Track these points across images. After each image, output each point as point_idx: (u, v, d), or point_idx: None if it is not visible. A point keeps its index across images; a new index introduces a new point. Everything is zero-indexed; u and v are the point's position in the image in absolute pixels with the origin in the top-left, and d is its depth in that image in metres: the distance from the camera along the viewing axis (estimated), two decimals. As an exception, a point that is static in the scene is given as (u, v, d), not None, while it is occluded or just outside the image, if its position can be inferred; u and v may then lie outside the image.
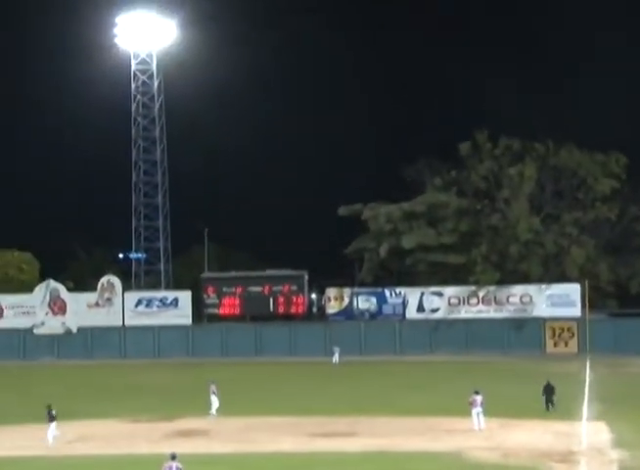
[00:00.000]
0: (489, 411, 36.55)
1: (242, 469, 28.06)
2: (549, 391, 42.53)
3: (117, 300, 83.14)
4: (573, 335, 78.59)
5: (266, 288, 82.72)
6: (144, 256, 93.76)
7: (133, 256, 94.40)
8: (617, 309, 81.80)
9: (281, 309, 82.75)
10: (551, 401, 42.19)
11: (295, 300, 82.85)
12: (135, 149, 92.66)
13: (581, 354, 72.62)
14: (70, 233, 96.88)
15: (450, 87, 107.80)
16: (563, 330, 78.95)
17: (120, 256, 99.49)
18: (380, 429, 36.18)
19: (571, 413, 39.64)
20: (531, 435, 34.35)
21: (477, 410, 35.81)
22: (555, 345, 78.82)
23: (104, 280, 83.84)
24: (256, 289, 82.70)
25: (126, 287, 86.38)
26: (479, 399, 36.15)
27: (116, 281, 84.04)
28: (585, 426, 36.48)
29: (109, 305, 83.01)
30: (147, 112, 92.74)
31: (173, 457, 21.28)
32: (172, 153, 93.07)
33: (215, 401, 40.86)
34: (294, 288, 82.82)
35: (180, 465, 20.99)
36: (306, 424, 37.71)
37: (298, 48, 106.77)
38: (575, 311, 78.50)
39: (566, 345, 78.43)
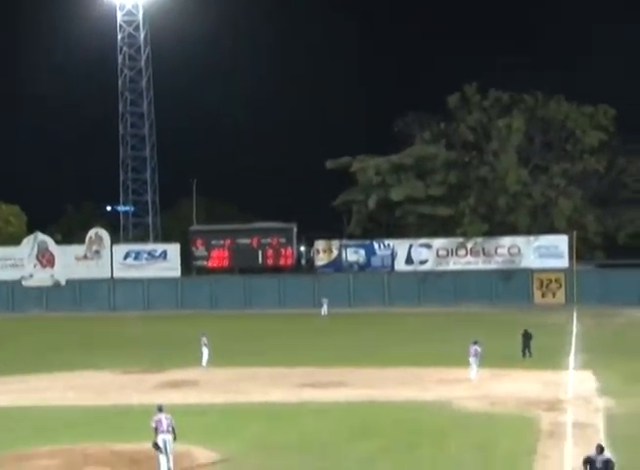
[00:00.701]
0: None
1: (231, 419, 28.22)
2: (527, 338, 43.03)
3: (106, 252, 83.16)
4: (561, 286, 79.06)
5: (255, 240, 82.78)
6: (132, 208, 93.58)
7: (121, 208, 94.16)
8: (605, 260, 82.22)
9: (270, 262, 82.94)
10: (528, 349, 42.68)
11: (283, 252, 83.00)
12: (122, 101, 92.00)
13: (569, 305, 73.09)
14: (58, 186, 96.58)
15: (439, 40, 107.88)
16: (550, 281, 79.42)
17: (108, 208, 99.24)
18: (369, 379, 36.37)
19: (558, 363, 39.94)
20: (519, 384, 34.64)
21: (472, 360, 36.23)
22: (543, 295, 79.30)
23: (92, 233, 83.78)
24: (245, 241, 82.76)
25: (115, 240, 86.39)
26: (473, 349, 36.51)
27: (105, 234, 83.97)
28: (572, 375, 36.75)
29: (97, 258, 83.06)
30: (133, 64, 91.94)
31: (160, 409, 21.26)
32: (160, 105, 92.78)
33: (206, 353, 41.04)
34: (282, 240, 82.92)
35: (169, 415, 21.00)
36: (295, 375, 37.86)
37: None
38: (563, 263, 78.90)
39: (553, 295, 78.94)
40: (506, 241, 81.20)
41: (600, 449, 17.72)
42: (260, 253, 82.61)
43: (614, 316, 65.30)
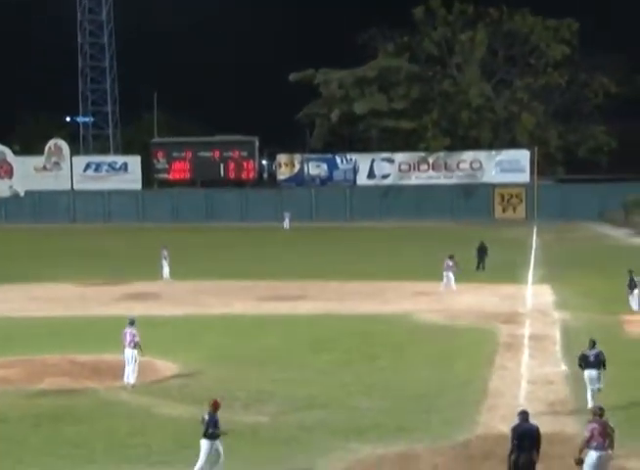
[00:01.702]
0: (438, 276, 37.22)
1: (193, 331, 28.29)
2: (482, 251, 43.45)
3: (65, 164, 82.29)
4: (522, 201, 79.66)
5: (216, 153, 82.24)
6: (91, 119, 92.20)
7: (80, 119, 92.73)
8: (565, 176, 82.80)
9: (231, 175, 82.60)
10: (482, 262, 43.15)
11: (245, 165, 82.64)
12: (80, 8, 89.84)
13: (529, 220, 73.80)
14: (15, 96, 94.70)
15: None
16: (511, 196, 79.95)
17: (67, 119, 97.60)
18: (330, 293, 36.54)
19: (517, 277, 40.38)
20: (479, 298, 35.00)
21: (447, 274, 36.65)
22: (504, 210, 79.91)
23: (51, 144, 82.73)
24: (206, 154, 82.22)
25: (74, 151, 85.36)
26: (447, 263, 36.87)
27: (64, 145, 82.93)
28: (530, 289, 37.20)
29: (57, 169, 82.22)
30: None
31: (131, 323, 21.31)
32: (120, 13, 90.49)
33: (166, 266, 40.98)
34: (244, 154, 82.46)
35: (134, 331, 21.04)
36: (257, 288, 37.92)
37: None
38: (524, 177, 79.33)
39: (514, 210, 79.59)
40: (468, 155, 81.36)
41: (592, 344, 18.90)
42: (222, 166, 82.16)
43: (572, 231, 66.06)
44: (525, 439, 13.33)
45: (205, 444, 14.71)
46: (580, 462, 13.54)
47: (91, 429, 17.64)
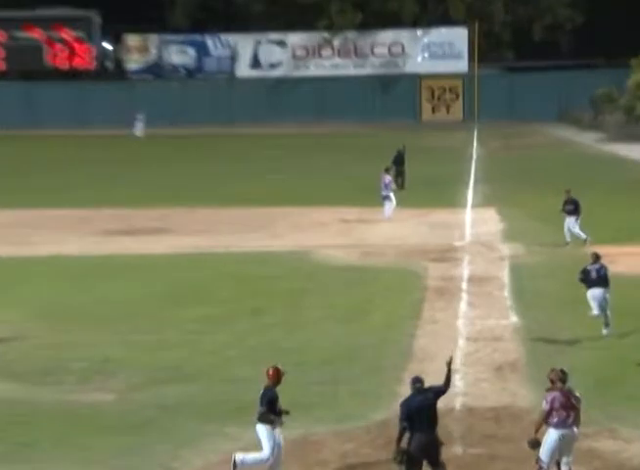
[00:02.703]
0: (348, 199, 37.26)
1: (9, 278, 27.92)
2: (399, 161, 43.92)
3: None
4: (458, 97, 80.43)
5: (38, 33, 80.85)
6: None
7: None
8: (515, 62, 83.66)
9: (61, 63, 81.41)
10: (401, 177, 43.52)
11: (80, 50, 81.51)
12: None
13: (467, 123, 74.51)
14: None
15: None
16: (444, 90, 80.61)
17: None
18: (198, 224, 36.62)
19: (452, 199, 40.82)
20: (400, 227, 35.34)
21: (386, 193, 37.09)
22: (434, 110, 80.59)
23: None
24: (25, 35, 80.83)
25: None
26: (385, 179, 37.33)
27: None
28: (470, 214, 37.76)
29: None
30: None
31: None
32: None
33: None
34: (79, 34, 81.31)
35: None
36: (98, 219, 37.80)
37: None
38: (461, 65, 79.97)
39: (447, 110, 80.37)
40: (386, 36, 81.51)
41: (595, 258, 21.54)
42: (47, 50, 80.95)
43: (523, 136, 67.08)
44: (423, 415, 13.35)
45: (262, 430, 14.26)
46: (536, 445, 13.67)
47: None
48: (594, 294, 20.90)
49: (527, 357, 19.94)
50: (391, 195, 37.18)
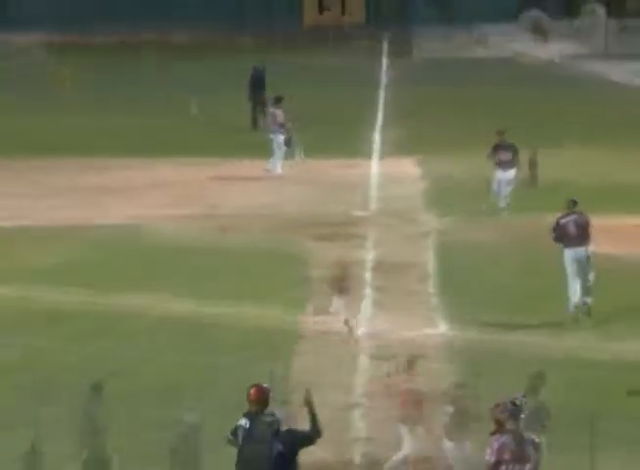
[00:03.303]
0: (199, 147, 37.91)
1: None
2: (256, 86, 44.85)
3: None
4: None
5: None
6: None
7: None
8: None
9: None
10: (262, 110, 43.53)
11: None
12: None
13: (374, 29, 74.99)
14: None
15: None
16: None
17: None
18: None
19: (351, 145, 41.03)
20: (273, 189, 35.62)
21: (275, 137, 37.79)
22: (322, 10, 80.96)
23: None
24: None
25: None
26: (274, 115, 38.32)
27: None
28: (377, 169, 38.23)
29: None
30: None
31: None
32: None
33: None
34: None
35: None
36: None
37: None
38: None
39: (343, 9, 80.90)
40: None
41: (572, 204, 22.37)
42: None
43: (460, 49, 67.71)
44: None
45: None
46: None
47: None
48: (577, 254, 21.40)
49: (462, 382, 19.21)
50: (282, 139, 37.74)
